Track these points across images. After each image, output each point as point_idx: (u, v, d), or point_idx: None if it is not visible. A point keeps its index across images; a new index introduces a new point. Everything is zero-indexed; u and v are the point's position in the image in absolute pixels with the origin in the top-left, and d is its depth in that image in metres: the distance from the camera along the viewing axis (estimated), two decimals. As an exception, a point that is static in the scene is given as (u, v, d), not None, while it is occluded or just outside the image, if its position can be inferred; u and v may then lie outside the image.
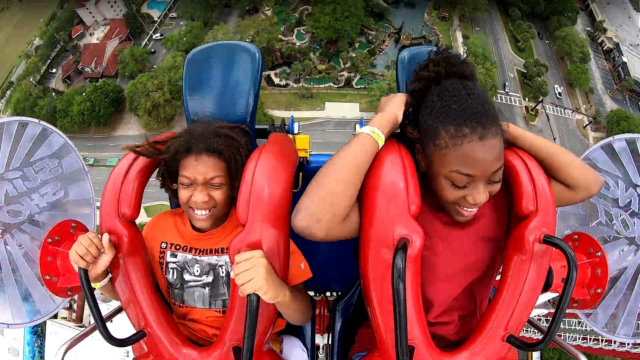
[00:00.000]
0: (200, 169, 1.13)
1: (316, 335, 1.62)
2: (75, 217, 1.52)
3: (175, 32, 38.20)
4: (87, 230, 1.51)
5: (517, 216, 1.03)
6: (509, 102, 33.79)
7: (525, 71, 35.29)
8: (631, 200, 1.45)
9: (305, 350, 1.44)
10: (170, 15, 42.41)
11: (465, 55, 32.03)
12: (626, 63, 36.56)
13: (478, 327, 1.06)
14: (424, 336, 0.99)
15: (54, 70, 40.73)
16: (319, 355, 1.68)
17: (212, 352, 1.09)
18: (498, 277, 1.13)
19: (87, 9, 41.60)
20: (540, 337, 0.93)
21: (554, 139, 31.51)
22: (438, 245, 1.11)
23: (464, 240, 1.12)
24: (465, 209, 1.01)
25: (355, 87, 34.35)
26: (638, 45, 38.14)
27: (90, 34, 41.18)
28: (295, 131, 1.65)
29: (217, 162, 1.15)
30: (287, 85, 34.80)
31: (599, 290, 1.34)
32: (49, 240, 1.38)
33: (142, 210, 1.26)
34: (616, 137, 1.50)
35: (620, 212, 1.47)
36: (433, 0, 39.34)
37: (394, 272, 0.84)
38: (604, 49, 38.71)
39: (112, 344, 1.04)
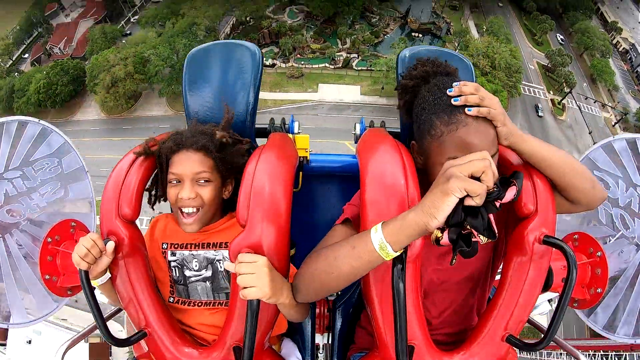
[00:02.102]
0: (186, 164, 1.16)
1: (316, 334, 1.62)
2: (75, 217, 1.53)
3: (152, 9, 35.38)
4: (87, 230, 1.51)
5: (516, 217, 1.03)
6: (533, 94, 31.05)
7: (546, 64, 32.96)
8: (631, 200, 1.45)
9: (302, 355, 1.44)
10: (152, 0, 38.87)
11: (483, 34, 30.03)
12: (645, 63, 34.38)
13: (478, 327, 1.06)
14: (423, 336, 0.99)
15: (26, 55, 37.85)
16: (319, 354, 1.68)
17: (213, 351, 1.09)
18: (498, 277, 1.13)
19: (66, -13, 38.70)
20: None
21: (590, 132, 29.25)
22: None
23: None
24: None
25: (356, 68, 30.07)
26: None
27: (66, 15, 38.52)
28: (296, 131, 1.65)
29: (203, 158, 1.17)
30: (273, 65, 30.08)
31: (599, 290, 1.34)
32: (49, 239, 1.38)
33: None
34: (616, 136, 1.50)
35: (620, 212, 1.47)
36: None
37: (393, 272, 0.84)
38: (620, 50, 37.23)
39: (113, 344, 1.04)
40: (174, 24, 29.27)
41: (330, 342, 1.63)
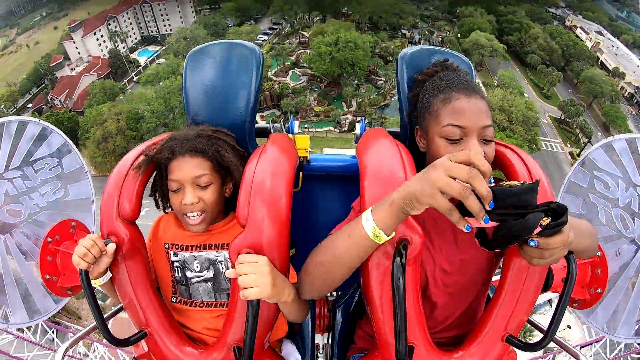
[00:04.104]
0: (185, 169, 1.15)
1: (316, 334, 1.62)
2: (75, 217, 1.53)
3: (153, 67, 35.07)
4: (87, 230, 1.51)
5: None
6: (550, 149, 29.68)
7: (558, 116, 32.17)
8: (631, 200, 1.45)
9: (302, 355, 1.44)
10: (157, 62, 39.12)
11: (494, 90, 28.60)
12: (653, 105, 32.91)
13: (477, 326, 1.06)
14: (423, 336, 0.99)
15: (30, 105, 36.87)
16: (319, 355, 1.68)
17: (213, 351, 1.09)
18: (498, 277, 1.13)
19: (74, 42, 39.17)
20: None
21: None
22: (437, 245, 1.12)
23: (463, 242, 1.12)
24: None
25: (363, 131, 29.40)
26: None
27: (71, 69, 38.94)
28: (295, 131, 1.65)
29: (201, 162, 1.16)
30: (274, 128, 29.67)
31: (599, 290, 1.34)
32: (49, 239, 1.38)
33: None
34: (616, 137, 1.50)
35: (620, 212, 1.47)
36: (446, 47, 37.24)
37: (393, 272, 0.84)
38: (625, 95, 36.34)
39: (113, 344, 1.04)
40: (173, 82, 27.83)
41: (330, 342, 1.63)
